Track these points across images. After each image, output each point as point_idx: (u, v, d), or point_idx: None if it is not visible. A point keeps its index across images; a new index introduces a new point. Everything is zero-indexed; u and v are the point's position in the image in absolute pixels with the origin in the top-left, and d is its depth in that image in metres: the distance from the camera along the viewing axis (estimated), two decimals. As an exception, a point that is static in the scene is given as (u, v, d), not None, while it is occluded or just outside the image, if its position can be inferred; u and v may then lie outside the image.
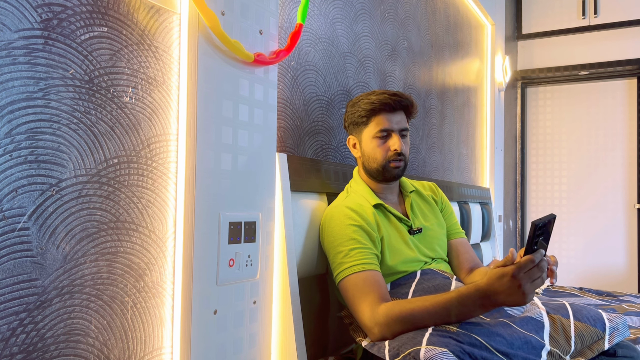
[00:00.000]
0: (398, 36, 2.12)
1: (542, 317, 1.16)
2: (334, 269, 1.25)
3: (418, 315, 1.08)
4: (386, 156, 1.36)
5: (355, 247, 1.24)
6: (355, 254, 1.22)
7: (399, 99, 1.36)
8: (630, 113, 3.76)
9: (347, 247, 1.24)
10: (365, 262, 1.21)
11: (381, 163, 1.36)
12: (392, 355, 1.03)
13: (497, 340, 1.02)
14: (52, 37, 0.85)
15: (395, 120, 1.36)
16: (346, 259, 1.23)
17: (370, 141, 1.37)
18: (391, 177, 1.38)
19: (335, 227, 1.29)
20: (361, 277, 1.19)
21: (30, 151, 0.82)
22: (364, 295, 1.17)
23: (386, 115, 1.36)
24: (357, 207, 1.32)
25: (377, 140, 1.36)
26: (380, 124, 1.36)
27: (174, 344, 1.04)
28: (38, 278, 0.82)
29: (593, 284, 3.74)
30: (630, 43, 3.62)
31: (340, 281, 1.22)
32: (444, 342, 0.97)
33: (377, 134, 1.36)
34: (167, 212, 1.05)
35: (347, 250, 1.24)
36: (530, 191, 4.08)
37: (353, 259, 1.22)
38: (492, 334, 1.03)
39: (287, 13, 1.44)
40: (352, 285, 1.19)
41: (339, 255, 1.25)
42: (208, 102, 1.06)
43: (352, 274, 1.20)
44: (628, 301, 2.18)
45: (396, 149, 1.34)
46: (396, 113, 1.37)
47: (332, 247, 1.28)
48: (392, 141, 1.35)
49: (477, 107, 3.15)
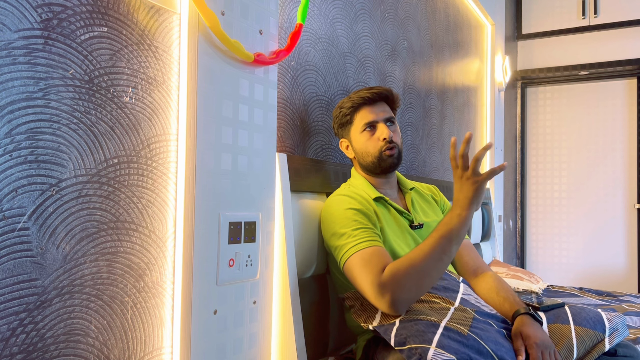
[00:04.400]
0: (398, 36, 2.12)
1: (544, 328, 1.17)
2: (338, 252, 1.23)
3: (417, 259, 1.10)
4: (378, 147, 1.37)
5: (357, 227, 1.23)
6: (358, 233, 1.22)
7: (377, 91, 1.39)
8: (630, 113, 3.76)
9: (349, 228, 1.23)
10: (369, 239, 1.20)
11: (375, 155, 1.37)
12: (398, 342, 1.02)
13: (503, 350, 1.02)
14: (52, 37, 0.85)
15: (377, 111, 1.38)
16: (350, 239, 1.21)
17: (359, 137, 1.40)
18: (388, 166, 1.38)
19: (335, 212, 1.29)
20: (367, 252, 1.17)
21: (30, 151, 0.82)
22: (369, 267, 1.14)
23: (368, 108, 1.39)
24: (357, 196, 1.32)
25: (366, 134, 1.39)
26: (364, 117, 1.39)
27: (174, 344, 1.04)
28: (38, 278, 0.82)
29: (593, 284, 3.74)
30: (630, 43, 3.62)
31: (345, 261, 1.20)
32: (453, 349, 0.97)
33: (364, 127, 1.38)
34: (167, 212, 1.05)
35: (350, 232, 1.23)
36: (530, 191, 4.08)
37: (356, 238, 1.21)
38: (499, 342, 1.04)
39: (287, 13, 1.44)
40: (359, 261, 1.16)
41: (342, 238, 1.23)
42: (208, 102, 1.06)
43: (357, 252, 1.18)
44: (628, 301, 2.19)
45: (385, 137, 1.36)
46: (377, 105, 1.40)
47: (334, 232, 1.26)
48: (379, 131, 1.38)
49: (477, 107, 3.15)
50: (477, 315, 1.13)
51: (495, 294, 1.28)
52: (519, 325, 1.14)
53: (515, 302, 1.23)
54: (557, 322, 1.19)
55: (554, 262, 3.95)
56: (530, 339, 1.08)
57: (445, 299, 1.18)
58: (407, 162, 2.23)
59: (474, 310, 1.16)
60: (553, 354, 1.07)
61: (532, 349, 1.06)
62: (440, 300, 1.17)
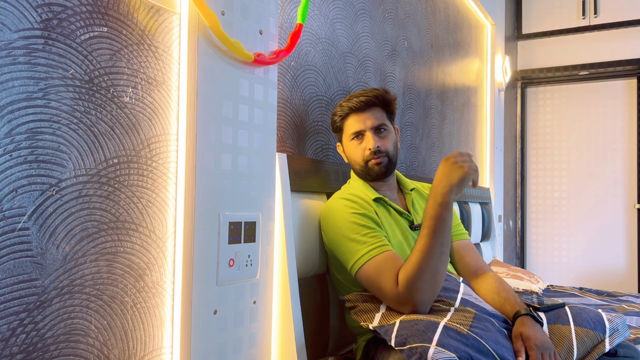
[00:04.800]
0: (398, 36, 2.12)
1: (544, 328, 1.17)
2: (348, 258, 1.24)
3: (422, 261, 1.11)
4: (363, 156, 1.38)
5: (366, 232, 1.23)
6: (368, 239, 1.22)
7: (365, 99, 1.38)
8: (630, 113, 3.76)
9: (357, 233, 1.24)
10: (379, 245, 1.21)
11: (361, 164, 1.39)
12: (399, 342, 1.02)
13: (504, 350, 1.02)
14: (52, 37, 0.85)
15: (364, 120, 1.38)
16: (360, 245, 1.22)
17: (349, 144, 1.41)
18: (375, 174, 1.38)
19: (338, 217, 1.29)
20: (382, 258, 1.18)
21: (30, 151, 0.82)
22: (385, 275, 1.16)
23: (355, 117, 1.39)
24: (357, 199, 1.32)
25: (354, 142, 1.40)
26: (352, 127, 1.39)
27: (174, 344, 1.04)
28: (38, 278, 0.82)
29: (593, 284, 3.74)
30: (630, 43, 3.62)
31: (360, 267, 1.20)
32: (453, 347, 0.97)
33: (352, 136, 1.39)
34: (167, 212, 1.05)
35: (358, 237, 1.23)
36: (530, 191, 4.08)
37: (368, 245, 1.21)
38: (499, 342, 1.04)
39: (287, 13, 1.44)
40: (374, 268, 1.18)
41: (350, 244, 1.24)
42: (208, 102, 1.06)
43: (371, 259, 1.19)
44: (628, 301, 2.19)
45: (370, 147, 1.36)
46: (365, 112, 1.38)
47: (340, 237, 1.27)
48: (366, 141, 1.38)
49: (477, 107, 3.15)
50: (479, 314, 1.13)
51: (496, 294, 1.29)
52: (519, 326, 1.14)
53: (516, 302, 1.23)
54: (558, 322, 1.19)
55: (554, 262, 3.95)
56: (531, 340, 1.08)
57: (446, 301, 1.18)
58: (407, 162, 2.23)
59: (475, 309, 1.16)
60: (553, 356, 1.07)
61: (532, 350, 1.06)
62: (440, 303, 1.17)
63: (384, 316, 1.14)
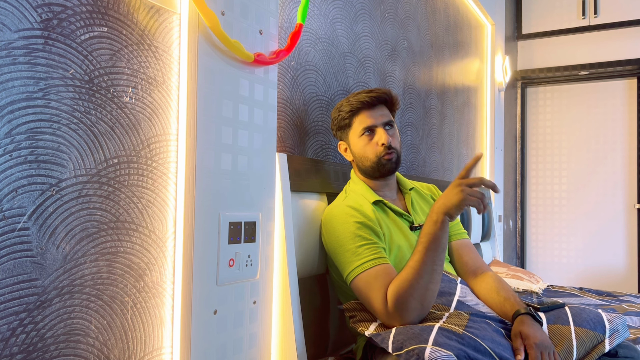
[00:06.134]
0: (398, 36, 2.12)
1: (544, 328, 1.17)
2: (344, 268, 1.25)
3: (413, 278, 1.10)
4: (376, 152, 1.37)
5: (362, 244, 1.24)
6: (363, 251, 1.22)
7: (376, 95, 1.38)
8: (630, 113, 3.76)
9: (353, 244, 1.24)
10: (374, 258, 1.21)
11: (373, 160, 1.37)
12: (396, 347, 1.02)
13: (501, 348, 1.02)
14: (52, 37, 0.85)
15: (376, 115, 1.38)
16: (354, 257, 1.22)
17: (358, 141, 1.39)
18: (387, 170, 1.38)
19: (338, 225, 1.29)
20: (372, 273, 1.19)
21: (30, 151, 0.82)
22: (375, 289, 1.16)
23: (367, 113, 1.38)
24: (357, 205, 1.32)
25: (364, 138, 1.38)
26: (363, 122, 1.38)
27: (174, 344, 1.04)
28: (38, 278, 0.82)
29: (593, 284, 3.74)
30: (630, 43, 3.62)
31: (352, 280, 1.22)
32: (449, 345, 0.97)
33: (362, 132, 1.38)
34: (167, 212, 1.05)
35: (354, 249, 1.23)
36: (530, 191, 4.08)
37: (362, 257, 1.21)
38: (496, 341, 1.04)
39: (287, 13, 1.44)
40: (365, 283, 1.19)
41: (346, 255, 1.24)
42: (208, 102, 1.06)
43: (363, 272, 1.20)
44: (628, 301, 2.18)
45: (383, 142, 1.36)
46: (376, 108, 1.39)
47: (338, 247, 1.27)
48: (377, 136, 1.37)
49: (477, 107, 3.15)
50: (474, 317, 1.13)
51: (496, 294, 1.29)
52: (518, 325, 1.14)
53: (515, 302, 1.23)
54: (557, 322, 1.19)
55: (554, 262, 3.95)
56: (530, 339, 1.08)
57: (441, 306, 1.18)
58: (407, 162, 2.23)
59: (469, 312, 1.16)
60: (552, 355, 1.07)
61: (531, 349, 1.06)
62: (435, 309, 1.18)
63: (381, 325, 1.16)
